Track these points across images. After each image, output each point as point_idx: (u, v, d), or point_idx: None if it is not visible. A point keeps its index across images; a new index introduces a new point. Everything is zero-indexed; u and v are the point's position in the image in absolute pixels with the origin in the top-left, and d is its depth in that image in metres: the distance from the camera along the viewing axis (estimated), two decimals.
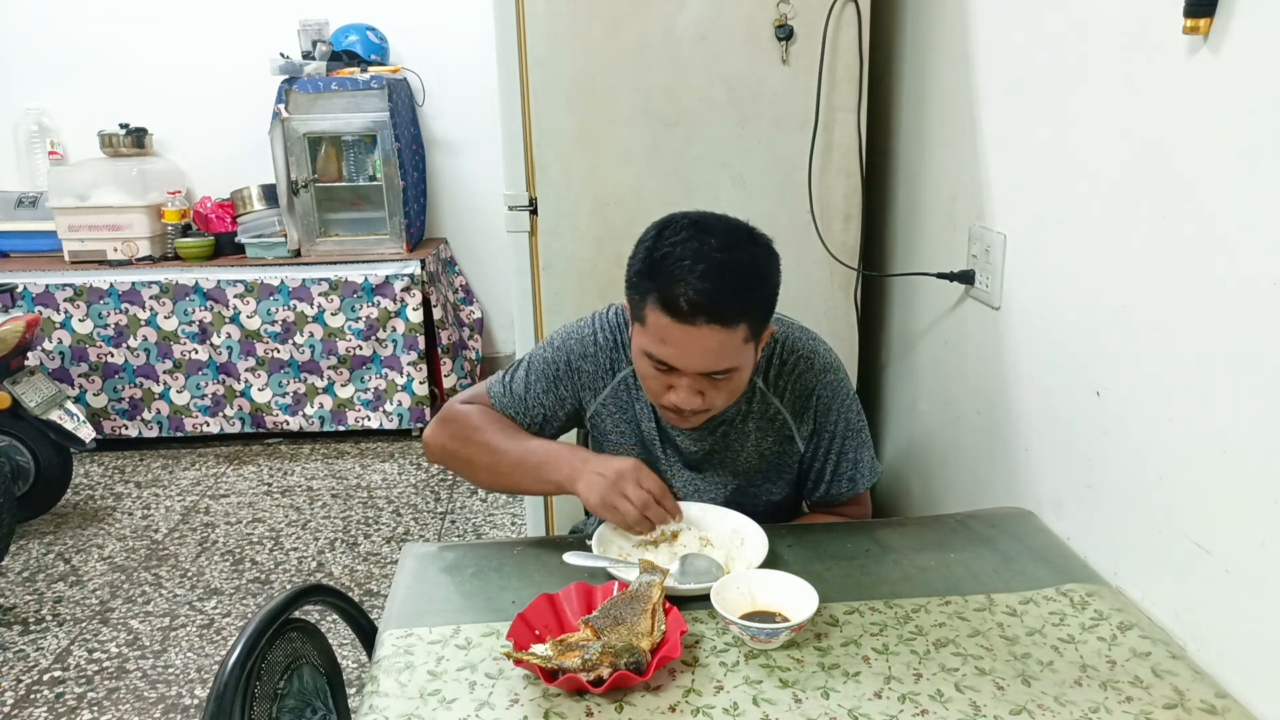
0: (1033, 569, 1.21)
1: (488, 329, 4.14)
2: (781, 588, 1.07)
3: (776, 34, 1.76)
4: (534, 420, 1.36)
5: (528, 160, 1.83)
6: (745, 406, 1.32)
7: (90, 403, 3.54)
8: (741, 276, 1.13)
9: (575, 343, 1.35)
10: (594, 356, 1.34)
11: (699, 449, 1.35)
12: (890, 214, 1.99)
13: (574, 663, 0.93)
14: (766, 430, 1.34)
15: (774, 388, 1.33)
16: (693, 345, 1.12)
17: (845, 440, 1.35)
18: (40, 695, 2.16)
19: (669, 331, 1.12)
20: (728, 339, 1.12)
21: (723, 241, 1.13)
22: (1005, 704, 0.94)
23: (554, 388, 1.35)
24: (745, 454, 1.35)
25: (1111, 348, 1.19)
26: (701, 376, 1.16)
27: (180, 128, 3.81)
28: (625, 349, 1.34)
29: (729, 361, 1.14)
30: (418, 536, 2.92)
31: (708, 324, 1.10)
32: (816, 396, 1.33)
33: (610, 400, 1.35)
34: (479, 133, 3.78)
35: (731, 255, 1.12)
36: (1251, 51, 0.92)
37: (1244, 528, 0.95)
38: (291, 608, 1.11)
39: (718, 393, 1.18)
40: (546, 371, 1.35)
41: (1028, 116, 1.40)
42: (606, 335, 1.34)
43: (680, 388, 1.16)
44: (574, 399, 1.36)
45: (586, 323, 1.37)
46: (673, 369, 1.16)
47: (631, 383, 1.34)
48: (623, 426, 1.37)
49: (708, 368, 1.14)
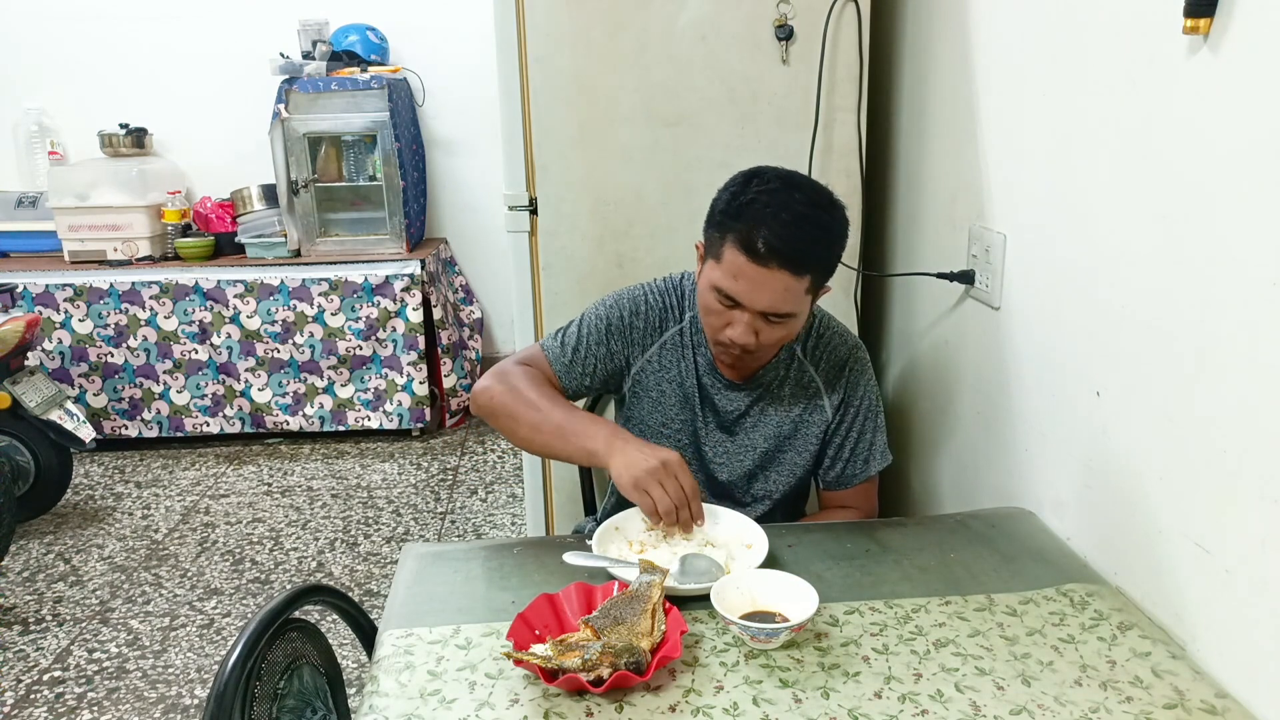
0: (1033, 569, 1.21)
1: (488, 329, 4.14)
2: (781, 588, 1.07)
3: (776, 34, 1.76)
4: (584, 371, 1.42)
5: (528, 160, 1.83)
6: (784, 372, 1.42)
7: (90, 403, 3.54)
8: (819, 232, 1.24)
9: (628, 301, 1.44)
10: (645, 315, 1.43)
11: (736, 409, 1.43)
12: (890, 214, 1.99)
13: (574, 663, 0.93)
14: (799, 396, 1.43)
15: (811, 357, 1.43)
16: (762, 285, 1.21)
17: (866, 419, 1.45)
18: (40, 695, 2.16)
19: (744, 269, 1.21)
20: (794, 285, 1.22)
21: (807, 198, 1.24)
22: (1005, 704, 0.94)
23: (605, 340, 1.42)
24: (777, 418, 1.43)
25: (1111, 348, 1.19)
26: (760, 316, 1.25)
27: (180, 128, 3.81)
28: (673, 311, 1.44)
29: (790, 306, 1.24)
30: (418, 536, 2.92)
31: (780, 268, 1.20)
32: (849, 369, 1.44)
33: (656, 358, 1.44)
34: (479, 133, 3.78)
35: (814, 212, 1.23)
36: (1251, 51, 0.92)
37: (1244, 528, 0.95)
38: (291, 608, 1.11)
39: (771, 334, 1.27)
40: (599, 326, 1.42)
41: (1028, 116, 1.40)
42: (657, 298, 1.44)
43: (739, 324, 1.26)
44: (623, 354, 1.43)
45: (639, 287, 1.46)
46: (736, 305, 1.25)
47: (677, 340, 1.43)
48: (664, 385, 1.44)
49: (771, 308, 1.24)
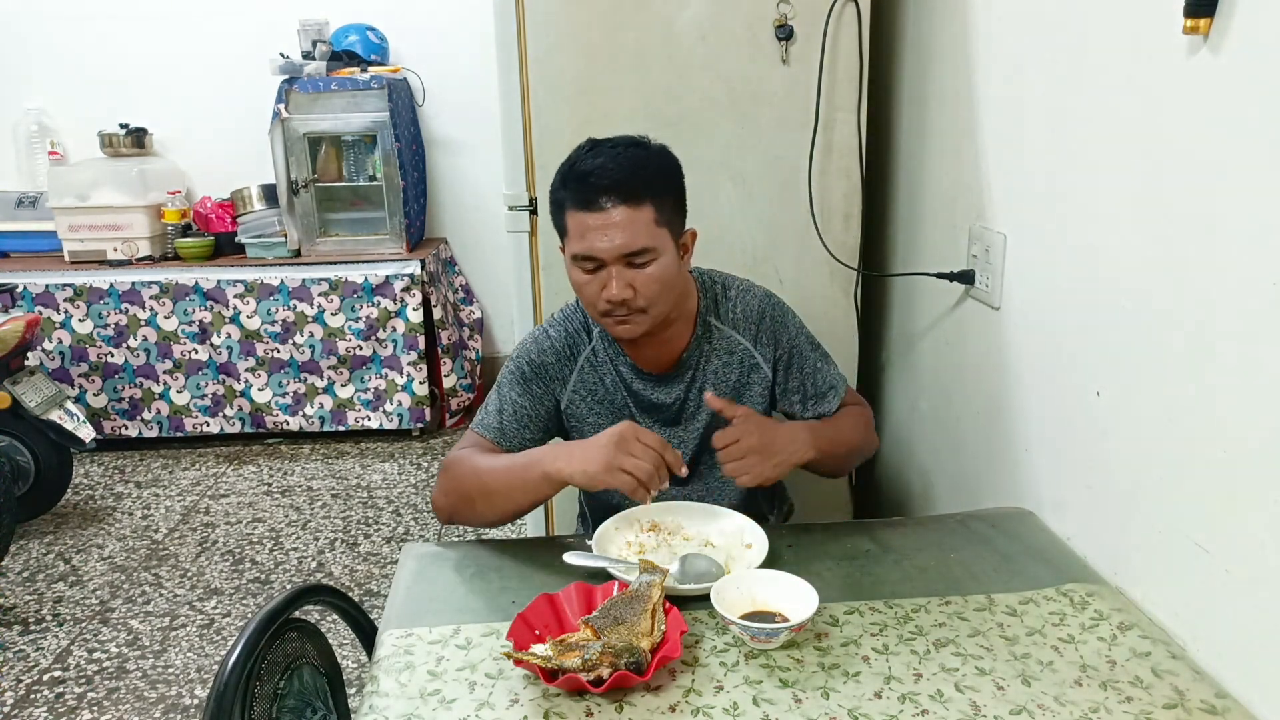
0: (1033, 569, 1.21)
1: (488, 329, 4.14)
2: (781, 588, 1.07)
3: (776, 34, 1.76)
4: (519, 426, 1.39)
5: (528, 160, 1.83)
6: (706, 346, 1.41)
7: (90, 403, 3.54)
8: (639, 162, 1.26)
9: (531, 344, 1.43)
10: (552, 349, 1.42)
11: (674, 399, 1.42)
12: (890, 214, 1.99)
13: (574, 663, 0.93)
14: (730, 364, 1.42)
15: (726, 319, 1.42)
16: (606, 228, 1.23)
17: (805, 356, 1.44)
18: (40, 695, 2.16)
19: (585, 222, 1.25)
20: (636, 217, 1.24)
21: (617, 141, 1.28)
22: (1005, 704, 0.94)
23: (526, 389, 1.40)
24: (717, 390, 1.41)
25: (1111, 348, 1.19)
26: (625, 266, 1.25)
27: (180, 128, 3.81)
28: (579, 334, 1.43)
29: (644, 240, 1.24)
30: (418, 536, 2.92)
31: (615, 205, 1.23)
32: (767, 316, 1.42)
33: (579, 385, 1.42)
34: (479, 133, 3.78)
35: (627, 150, 1.27)
36: (1251, 51, 0.92)
37: (1244, 528, 0.95)
38: (291, 608, 1.11)
39: (646, 282, 1.26)
40: (514, 379, 1.41)
41: (1028, 116, 1.40)
42: (558, 329, 1.44)
43: (610, 281, 1.26)
44: (548, 395, 1.42)
45: (537, 328, 1.47)
46: (599, 264, 1.26)
47: (592, 360, 1.42)
48: (596, 408, 1.43)
49: (626, 246, 1.24)
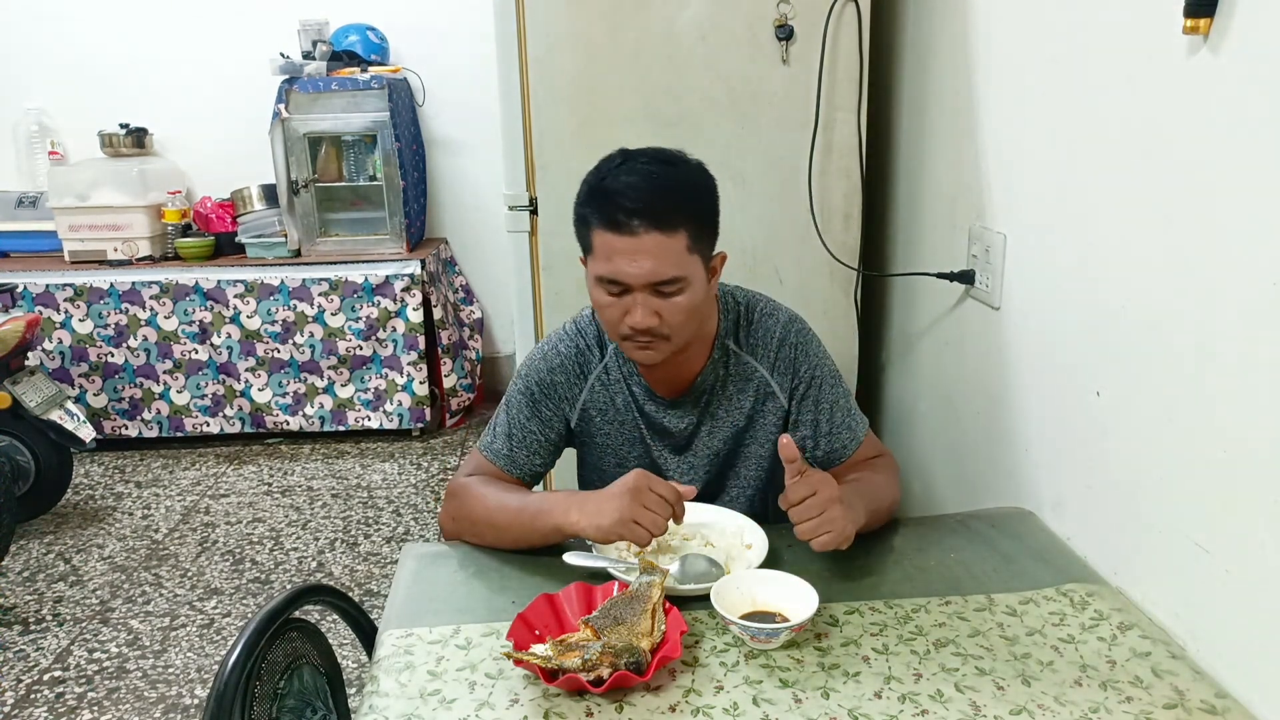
0: (1033, 569, 1.21)
1: (488, 329, 4.14)
2: (781, 588, 1.07)
3: (776, 34, 1.76)
4: (529, 453, 1.35)
5: (528, 160, 1.83)
6: (722, 371, 1.35)
7: (90, 403, 3.54)
8: (673, 184, 1.19)
9: (540, 362, 1.36)
10: (562, 367, 1.35)
11: (686, 425, 1.36)
12: (890, 214, 1.99)
13: (574, 663, 0.93)
14: (745, 390, 1.35)
15: (745, 345, 1.35)
16: (636, 254, 1.16)
17: (825, 387, 1.34)
18: (40, 695, 2.16)
19: (614, 245, 1.17)
20: (668, 244, 1.16)
21: (651, 157, 1.21)
22: (1005, 704, 0.94)
23: (535, 412, 1.35)
24: (731, 418, 1.36)
25: (1111, 348, 1.19)
26: (652, 294, 1.18)
27: (180, 128, 3.80)
28: (590, 350, 1.36)
29: (673, 269, 1.17)
30: (418, 536, 2.92)
31: (647, 231, 1.15)
32: (790, 345, 1.34)
33: (590, 403, 1.37)
34: (479, 133, 3.77)
35: (661, 168, 1.20)
36: (1251, 51, 0.92)
37: (1244, 528, 0.95)
38: (291, 608, 1.11)
39: (671, 310, 1.20)
40: (523, 401, 1.35)
41: (1028, 116, 1.40)
42: (569, 344, 1.37)
43: (634, 308, 1.19)
44: (558, 415, 1.36)
45: (545, 342, 1.40)
46: (625, 289, 1.19)
47: (604, 378, 1.36)
48: (607, 427, 1.38)
49: (655, 275, 1.17)
